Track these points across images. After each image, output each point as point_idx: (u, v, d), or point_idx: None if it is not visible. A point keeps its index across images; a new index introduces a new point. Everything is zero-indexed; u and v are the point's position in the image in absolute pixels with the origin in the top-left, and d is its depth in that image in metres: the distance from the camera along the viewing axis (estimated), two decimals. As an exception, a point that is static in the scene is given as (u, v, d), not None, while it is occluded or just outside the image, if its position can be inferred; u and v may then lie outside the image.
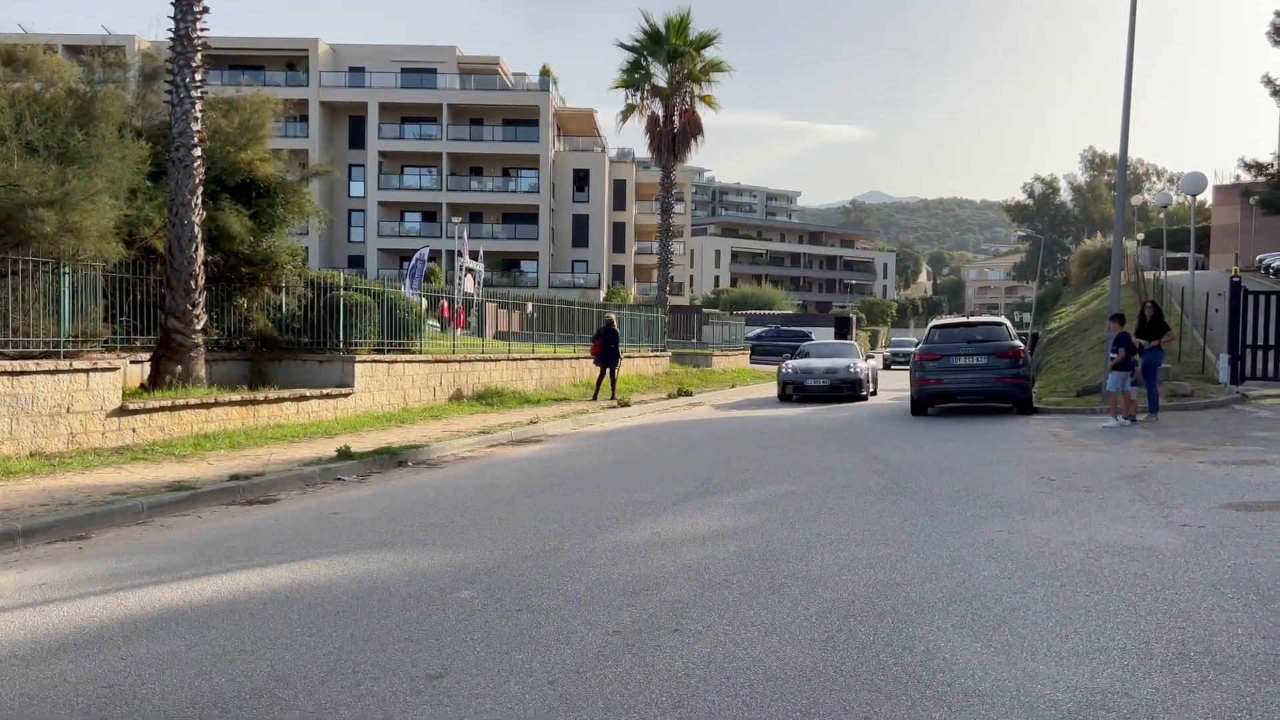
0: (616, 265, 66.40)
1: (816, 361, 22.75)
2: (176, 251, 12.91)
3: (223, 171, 14.81)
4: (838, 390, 21.66)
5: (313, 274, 17.03)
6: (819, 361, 22.72)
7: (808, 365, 22.46)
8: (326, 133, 58.51)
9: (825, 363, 22.45)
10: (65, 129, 11.79)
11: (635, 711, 3.68)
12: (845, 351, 23.87)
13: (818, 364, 22.41)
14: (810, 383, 21.84)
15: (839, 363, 22.38)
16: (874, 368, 24.73)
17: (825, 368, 22.09)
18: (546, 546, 6.57)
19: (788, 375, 22.24)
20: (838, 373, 21.87)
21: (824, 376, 21.81)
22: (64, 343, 11.01)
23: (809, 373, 22.02)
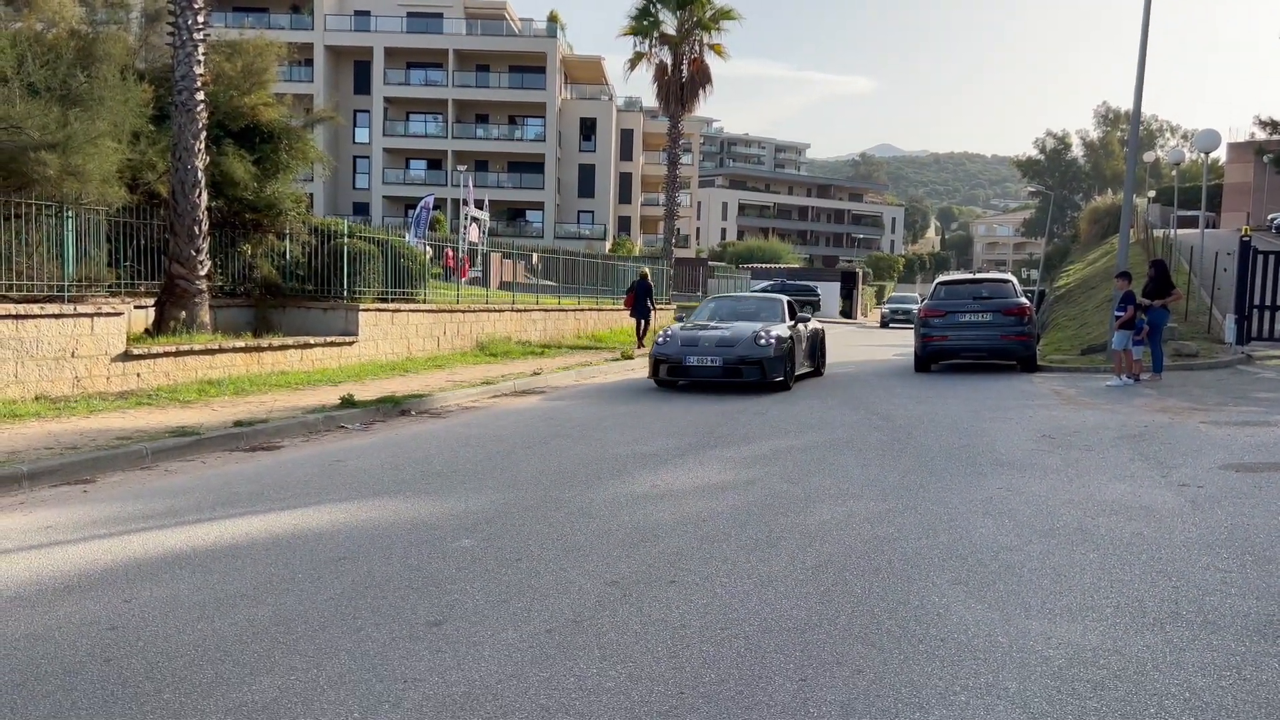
0: (623, 216, 66.05)
1: (711, 328, 14.34)
2: (180, 196, 12.85)
3: (226, 116, 14.70)
4: (734, 373, 13.39)
5: (317, 221, 16.97)
6: (714, 329, 14.23)
7: (695, 334, 14.07)
8: (331, 78, 57.88)
9: (722, 331, 14.04)
10: (67, 70, 11.68)
11: (631, 661, 3.73)
12: (764, 312, 15.21)
13: (710, 332, 14.02)
14: (694, 361, 13.51)
15: (743, 330, 13.87)
16: (816, 334, 16.25)
17: (718, 338, 13.70)
18: (546, 497, 6.62)
19: (662, 349, 13.92)
20: (737, 346, 13.46)
21: (714, 352, 13.49)
22: (68, 287, 11.00)
23: (694, 345, 13.73)
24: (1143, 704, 3.38)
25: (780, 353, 13.45)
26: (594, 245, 51.97)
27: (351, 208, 57.09)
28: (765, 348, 13.35)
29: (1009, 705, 3.37)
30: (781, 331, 13.90)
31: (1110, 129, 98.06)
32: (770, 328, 13.84)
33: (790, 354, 13.83)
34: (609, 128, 62.21)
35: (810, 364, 15.60)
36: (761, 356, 13.27)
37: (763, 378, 13.27)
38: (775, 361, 13.35)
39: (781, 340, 13.63)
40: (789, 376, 13.74)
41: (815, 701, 3.39)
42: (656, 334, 14.47)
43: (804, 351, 15.04)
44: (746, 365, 13.25)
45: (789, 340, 13.88)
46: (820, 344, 16.42)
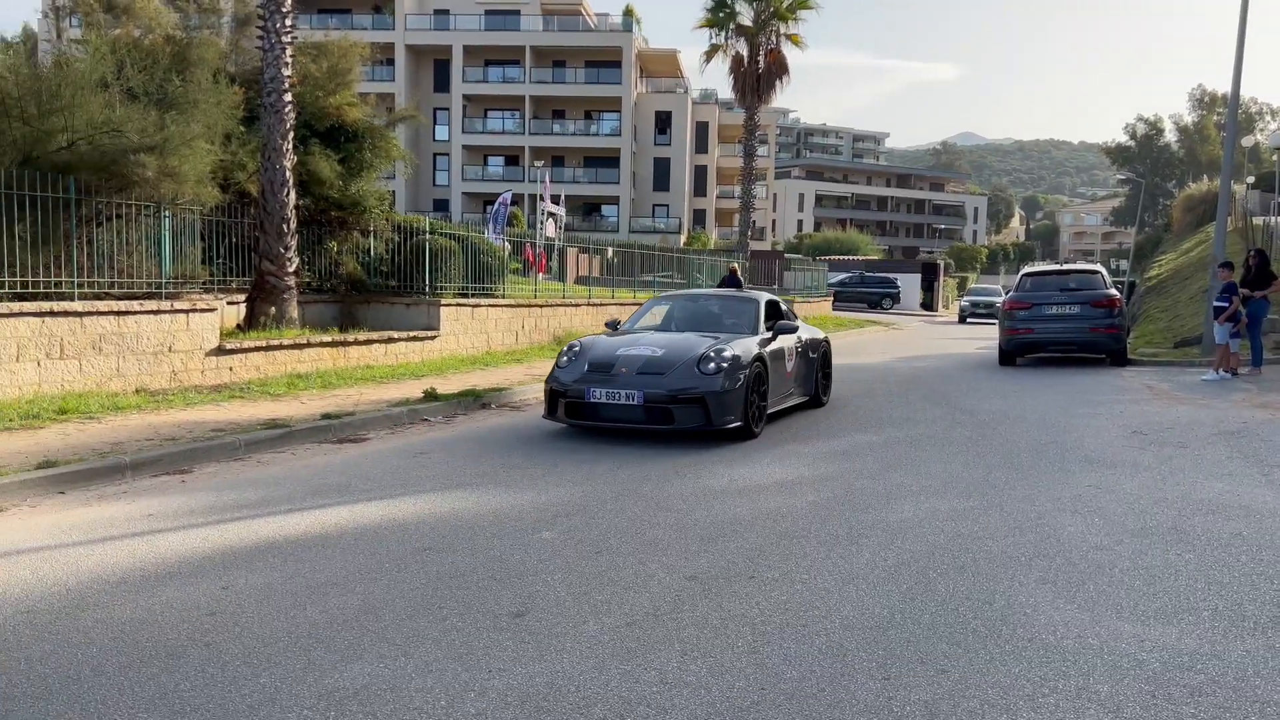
0: (698, 209, 65.88)
1: (640, 344, 9.26)
2: (269, 195, 13.24)
3: (312, 116, 15.08)
4: (661, 416, 8.51)
5: (399, 218, 17.32)
6: (642, 346, 9.20)
7: (612, 352, 9.11)
8: (412, 77, 58.90)
9: (650, 349, 9.07)
10: (163, 75, 12.12)
11: (711, 656, 3.74)
12: (728, 317, 10.43)
13: (634, 351, 9.05)
14: (600, 395, 8.63)
15: (683, 348, 9.02)
16: (813, 348, 11.00)
17: (644, 360, 8.85)
18: (624, 490, 6.66)
19: (561, 374, 9.09)
20: (669, 373, 8.63)
21: (634, 383, 8.61)
22: (165, 284, 11.44)
23: (605, 370, 8.86)
24: (1243, 711, 3.26)
25: (735, 384, 8.52)
26: (669, 239, 51.96)
27: (432, 205, 58.06)
28: (711, 376, 8.44)
29: (1100, 710, 3.28)
30: (743, 350, 8.90)
31: (1206, 113, 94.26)
32: (727, 344, 8.90)
33: (756, 384, 8.91)
34: (684, 121, 62.08)
35: (802, 391, 10.59)
36: (705, 391, 8.33)
37: (706, 423, 8.34)
38: (726, 398, 8.40)
39: (738, 364, 8.64)
40: (753, 418, 8.82)
41: (899, 701, 3.35)
42: (562, 349, 9.56)
43: (790, 375, 10.09)
44: (681, 404, 8.33)
45: (756, 363, 8.92)
46: (821, 362, 11.12)
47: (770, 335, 9.79)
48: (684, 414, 8.41)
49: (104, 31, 15.04)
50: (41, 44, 26.04)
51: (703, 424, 8.42)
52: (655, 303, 11.45)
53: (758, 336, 9.62)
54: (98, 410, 9.00)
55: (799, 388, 10.56)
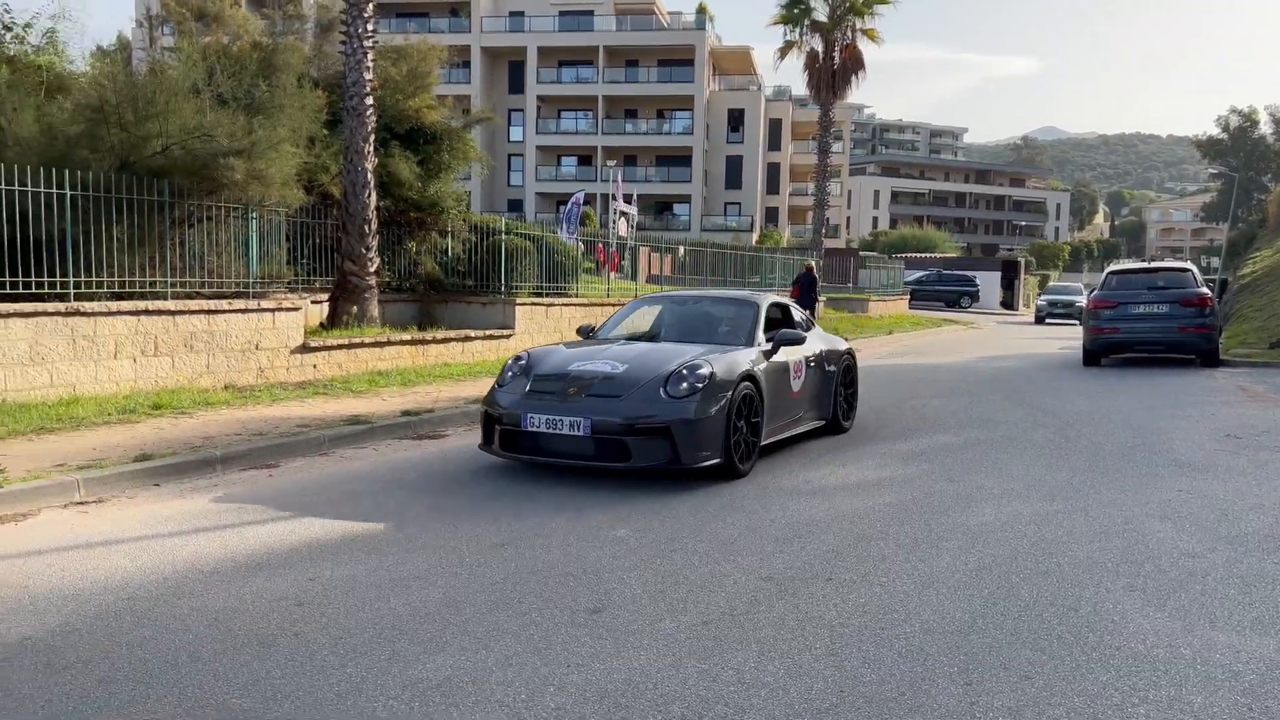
0: (770, 207, 65.47)
1: (598, 359, 7.40)
2: (351, 197, 13.55)
3: (392, 119, 15.39)
4: (614, 451, 6.68)
5: (476, 219, 17.57)
6: (600, 360, 7.35)
7: (562, 368, 7.30)
8: (487, 78, 59.68)
9: (608, 364, 7.24)
10: (251, 81, 12.49)
11: (788, 657, 3.73)
12: (723, 324, 8.48)
13: (589, 366, 7.24)
14: (541, 423, 6.79)
15: (650, 364, 7.16)
16: (829, 362, 9.05)
17: (600, 377, 7.04)
18: (697, 488, 6.66)
19: (499, 396, 7.30)
20: (626, 396, 6.80)
21: (582, 408, 6.77)
22: (252, 284, 11.80)
23: (550, 393, 7.06)
24: (1347, 728, 3.14)
25: (712, 409, 6.71)
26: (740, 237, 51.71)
27: (506, 205, 58.76)
28: (680, 400, 6.67)
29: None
30: (727, 366, 7.07)
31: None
32: (708, 358, 7.06)
33: (744, 409, 7.06)
34: (757, 118, 61.73)
35: (815, 414, 8.72)
36: (672, 418, 6.57)
37: (673, 459, 6.58)
38: (698, 427, 6.62)
39: (718, 385, 6.83)
40: (740, 452, 6.97)
41: (982, 707, 3.30)
42: (505, 365, 7.64)
43: (799, 395, 8.23)
44: (640, 436, 6.58)
45: (744, 382, 7.08)
46: (842, 379, 9.21)
47: (770, 347, 7.80)
48: (643, 448, 6.50)
49: (195, 39, 15.56)
50: (136, 52, 27.06)
51: (667, 461, 6.54)
52: (640, 304, 9.41)
53: (753, 348, 7.66)
54: (189, 406, 9.33)
55: (812, 409, 8.61)
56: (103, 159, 10.27)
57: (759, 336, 7.96)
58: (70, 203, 9.59)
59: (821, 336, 9.30)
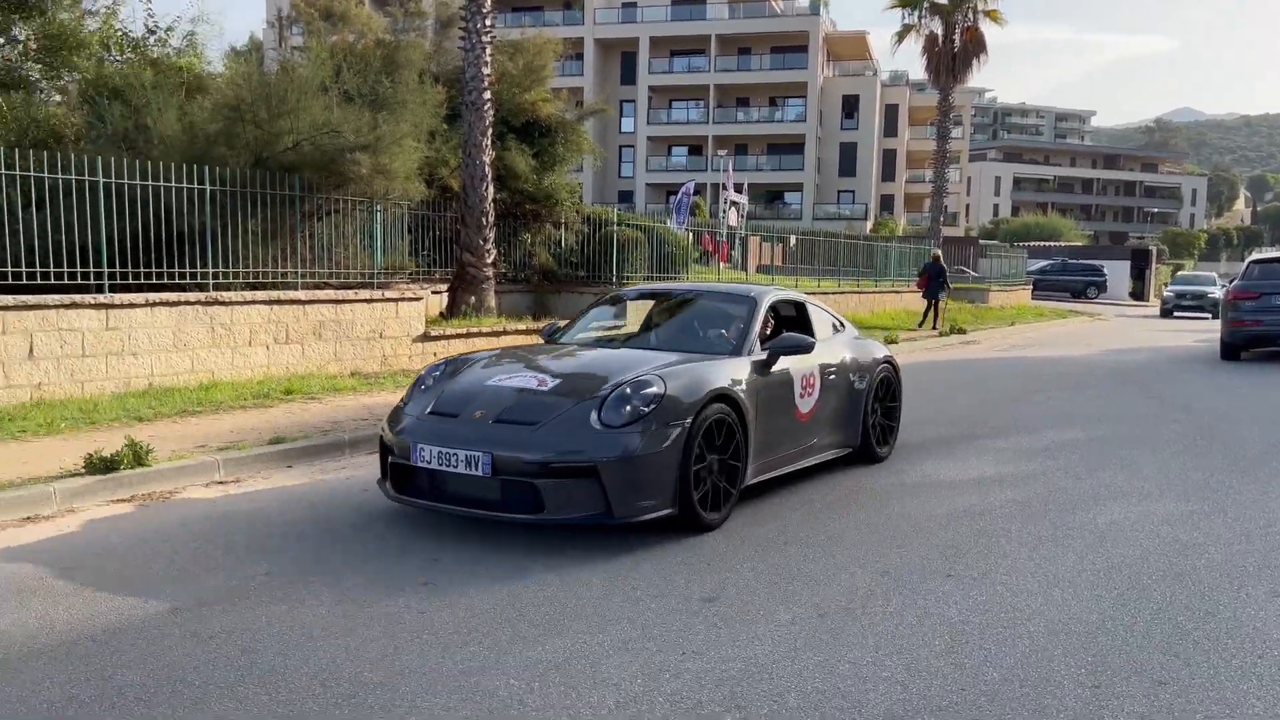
0: (885, 195, 64.12)
1: (533, 368, 5.82)
2: (470, 190, 13.89)
3: (509, 113, 15.70)
4: (519, 497, 4.93)
5: (588, 210, 17.81)
6: (535, 371, 5.75)
7: (482, 382, 5.58)
8: (600, 70, 60.16)
9: (543, 377, 5.59)
10: (375, 78, 12.92)
11: (906, 652, 3.68)
12: (705, 328, 6.74)
13: (507, 381, 5.54)
14: (431, 457, 5.09)
15: (596, 377, 5.47)
16: (854, 371, 7.08)
17: (511, 396, 5.33)
18: (809, 483, 6.60)
19: (396, 419, 5.60)
20: (541, 426, 5.03)
21: (482, 438, 5.03)
22: (376, 275, 12.22)
23: (453, 416, 5.33)
24: None
25: (659, 443, 5.04)
26: (854, 226, 50.80)
27: (616, 196, 59.18)
28: (614, 432, 5.02)
29: (1345, 737, 3.02)
30: (691, 383, 5.37)
31: None
32: (664, 373, 5.38)
33: (716, 441, 5.41)
34: (872, 104, 60.48)
35: (836, 439, 6.92)
36: (600, 457, 4.93)
37: (603, 511, 4.93)
38: (637, 468, 4.96)
39: (669, 410, 5.13)
40: (702, 499, 5.27)
41: (1111, 711, 3.19)
42: (421, 373, 6.12)
43: (808, 416, 6.48)
44: (556, 478, 4.92)
45: (715, 405, 5.39)
46: (877, 394, 7.35)
47: (765, 356, 6.05)
48: (560, 494, 4.83)
49: (323, 38, 16.19)
50: (267, 52, 28.29)
51: (596, 513, 4.86)
52: (620, 298, 7.88)
53: (742, 358, 5.97)
54: (318, 391, 9.74)
55: (830, 434, 6.78)
56: (239, 155, 10.79)
57: (752, 343, 6.16)
58: (210, 197, 10.12)
59: (849, 342, 7.30)
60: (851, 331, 7.58)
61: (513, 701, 3.25)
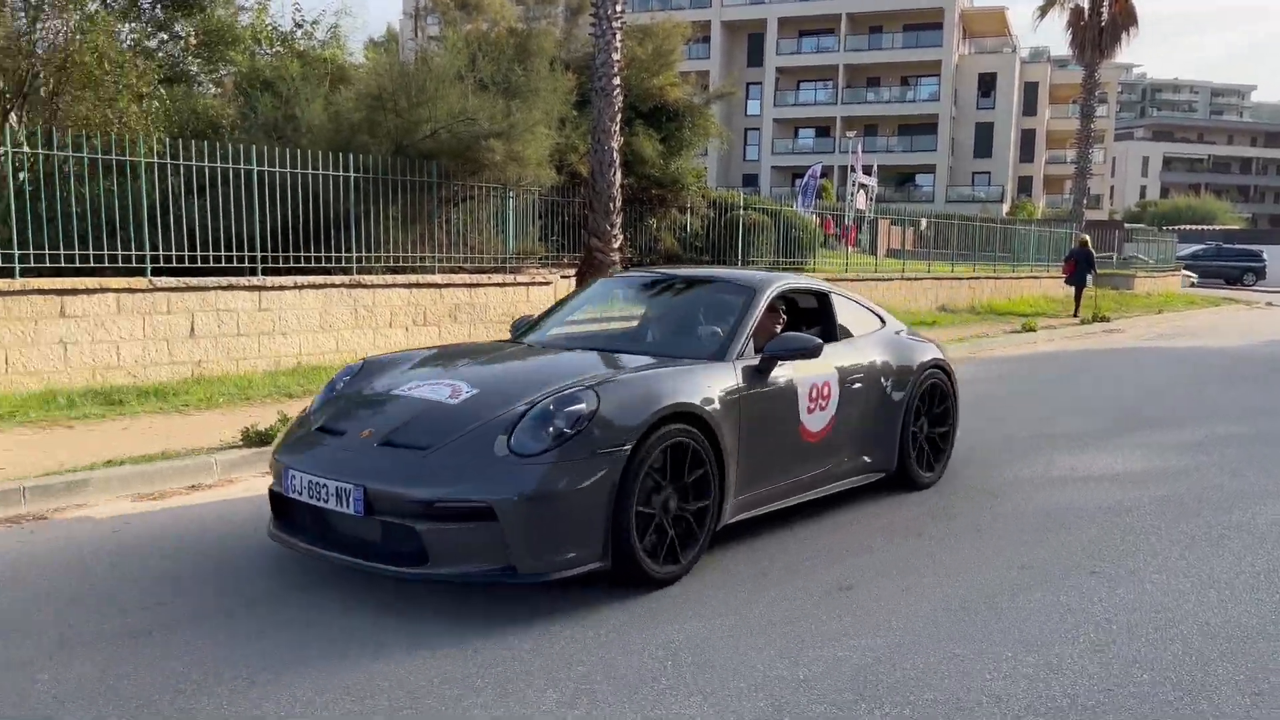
0: (1023, 176, 61.62)
1: (452, 374, 4.68)
2: (598, 176, 14.04)
3: (636, 98, 15.78)
4: (399, 544, 3.85)
5: (714, 194, 17.76)
6: (452, 378, 4.59)
7: (390, 390, 4.58)
8: (727, 52, 59.75)
9: (460, 385, 4.41)
10: (508, 66, 13.20)
11: (1050, 649, 3.57)
12: (693, 323, 5.46)
13: (422, 390, 4.43)
14: (303, 486, 4.06)
15: (516, 388, 4.35)
16: (897, 375, 5.81)
17: (423, 407, 4.28)
18: (947, 474, 6.44)
19: (278, 448, 4.53)
20: (441, 447, 3.95)
21: (362, 466, 3.98)
22: (508, 259, 12.52)
23: (338, 433, 4.32)
24: None
25: (581, 480, 3.86)
26: (989, 209, 49.03)
27: (741, 179, 58.78)
28: (521, 465, 3.86)
29: None
30: (639, 397, 4.22)
31: None
32: (602, 386, 4.18)
33: (671, 474, 4.23)
34: (1010, 82, 58.14)
35: (862, 459, 5.64)
36: (497, 497, 3.77)
37: (501, 566, 3.79)
38: (548, 511, 3.81)
39: (604, 435, 3.96)
40: (646, 547, 4.07)
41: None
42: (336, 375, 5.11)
43: (821, 435, 5.24)
44: (441, 522, 3.79)
45: (671, 426, 4.19)
46: (922, 404, 6.07)
47: (758, 362, 4.84)
48: (448, 542, 3.78)
49: (458, 28, 16.62)
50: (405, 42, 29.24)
51: (495, 568, 3.79)
52: (607, 286, 6.35)
53: (726, 364, 4.73)
54: (453, 372, 10.06)
55: (854, 455, 5.53)
56: (380, 143, 11.20)
57: (740, 345, 4.89)
58: (353, 184, 10.55)
59: (886, 342, 5.97)
60: (895, 328, 6.26)
61: (646, 679, 3.30)
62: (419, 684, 3.26)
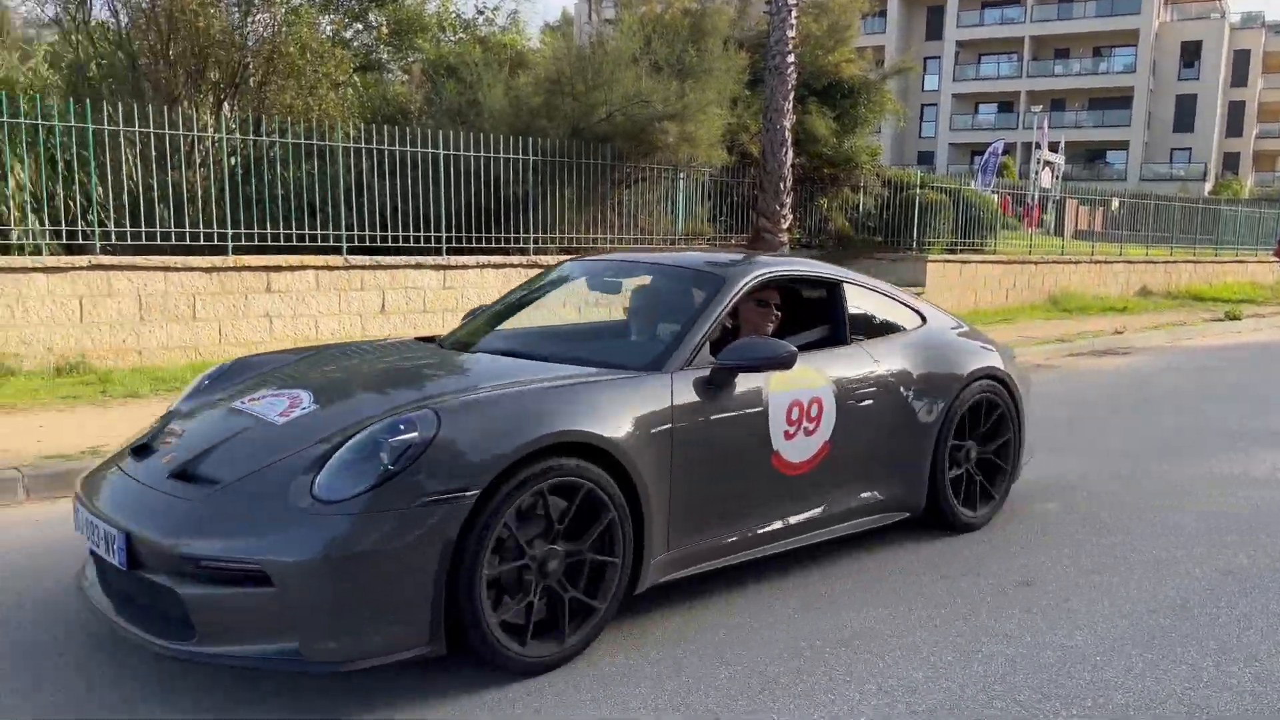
0: (1229, 153, 56.92)
1: (305, 381, 3.82)
2: (769, 155, 13.92)
3: (810, 75, 15.54)
4: (154, 605, 3.00)
5: (889, 172, 17.28)
6: (304, 384, 3.74)
7: (234, 399, 3.69)
8: (904, 26, 57.83)
9: (297, 400, 3.53)
10: (681, 47, 13.25)
11: (1256, 661, 3.34)
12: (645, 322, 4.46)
13: (253, 407, 3.54)
14: (82, 525, 3.30)
15: (356, 401, 3.62)
16: (930, 385, 4.57)
17: (240, 429, 3.38)
18: (1137, 469, 6.09)
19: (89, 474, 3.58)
20: (228, 488, 3.05)
21: (141, 506, 3.12)
22: (677, 240, 12.62)
23: (142, 468, 3.35)
24: None
25: (399, 540, 2.86)
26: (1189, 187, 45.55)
27: (916, 157, 56.88)
28: (317, 517, 2.88)
29: None
30: (517, 419, 3.17)
31: None
32: (448, 405, 3.19)
33: (550, 530, 3.19)
34: (1218, 50, 53.69)
35: (885, 494, 4.47)
36: (275, 561, 2.81)
37: (291, 653, 2.82)
38: (345, 580, 2.81)
39: (453, 471, 2.96)
40: (501, 627, 3.06)
41: None
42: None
43: (823, 464, 4.12)
44: (208, 587, 2.86)
45: (547, 462, 3.14)
46: (964, 424, 4.77)
47: (709, 374, 3.76)
48: (216, 612, 2.88)
49: (633, 9, 16.79)
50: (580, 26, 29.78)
51: (278, 651, 2.83)
52: (571, 270, 5.11)
53: (664, 376, 3.68)
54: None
55: (861, 489, 4.38)
56: (557, 127, 11.50)
57: (689, 352, 3.79)
58: (531, 167, 10.87)
59: (920, 343, 4.72)
60: (942, 325, 5.00)
61: (819, 663, 3.30)
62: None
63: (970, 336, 5.13)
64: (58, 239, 8.33)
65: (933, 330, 4.91)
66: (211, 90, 10.89)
